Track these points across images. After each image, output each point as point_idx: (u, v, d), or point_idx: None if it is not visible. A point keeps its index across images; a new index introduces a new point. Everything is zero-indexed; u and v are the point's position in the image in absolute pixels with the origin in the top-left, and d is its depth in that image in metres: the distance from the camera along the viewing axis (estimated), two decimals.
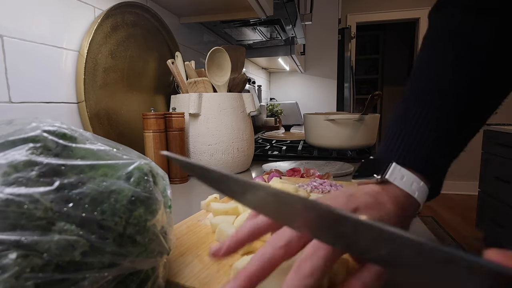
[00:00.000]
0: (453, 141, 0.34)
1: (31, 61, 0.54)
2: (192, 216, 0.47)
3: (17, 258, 0.18)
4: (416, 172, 0.31)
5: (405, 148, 0.32)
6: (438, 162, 0.33)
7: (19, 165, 0.21)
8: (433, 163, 0.32)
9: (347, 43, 2.68)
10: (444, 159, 0.34)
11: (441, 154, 0.33)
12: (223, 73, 0.79)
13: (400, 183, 0.30)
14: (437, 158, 0.33)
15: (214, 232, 0.41)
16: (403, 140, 0.33)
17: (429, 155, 0.32)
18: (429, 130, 0.33)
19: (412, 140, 0.33)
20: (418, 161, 0.32)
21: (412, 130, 0.33)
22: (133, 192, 0.23)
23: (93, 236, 0.21)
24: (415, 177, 0.31)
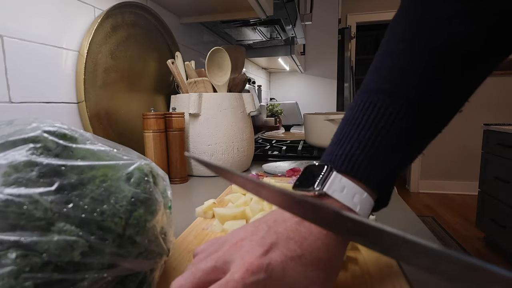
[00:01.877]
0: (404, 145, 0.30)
1: (31, 61, 0.54)
2: (194, 224, 0.45)
3: (17, 258, 0.18)
4: (359, 182, 0.27)
5: (347, 154, 0.28)
6: (385, 170, 0.29)
7: (19, 165, 0.21)
8: (379, 171, 0.28)
9: (347, 43, 2.68)
10: (393, 166, 0.29)
11: (389, 160, 0.29)
12: (223, 73, 0.79)
13: (340, 196, 0.27)
14: (385, 165, 0.29)
15: None
16: (346, 145, 0.29)
17: (375, 161, 0.28)
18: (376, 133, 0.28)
19: (355, 144, 0.28)
20: (362, 169, 0.28)
21: (355, 130, 0.29)
22: (133, 193, 0.23)
23: (93, 237, 0.21)
24: (358, 187, 0.27)
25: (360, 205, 0.27)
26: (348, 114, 0.31)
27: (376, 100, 0.29)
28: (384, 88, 0.30)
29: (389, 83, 0.30)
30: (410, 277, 0.32)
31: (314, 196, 0.27)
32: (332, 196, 0.27)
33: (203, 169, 0.78)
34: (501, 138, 2.09)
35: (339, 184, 0.27)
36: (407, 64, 0.30)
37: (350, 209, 0.27)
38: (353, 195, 0.27)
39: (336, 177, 0.27)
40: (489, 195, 2.21)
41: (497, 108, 3.26)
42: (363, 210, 0.27)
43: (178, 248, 0.37)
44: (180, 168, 0.72)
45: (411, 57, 0.30)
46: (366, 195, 0.27)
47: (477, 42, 0.29)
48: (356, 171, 0.28)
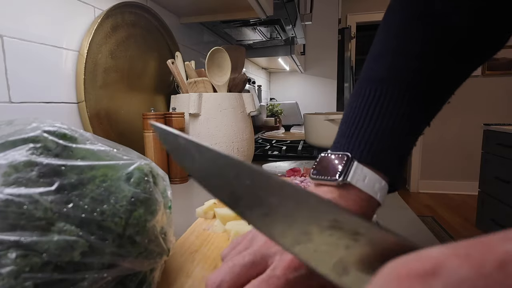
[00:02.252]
0: (413, 129, 0.31)
1: (31, 61, 0.54)
2: (195, 225, 0.45)
3: (17, 258, 0.18)
4: (377, 171, 0.29)
5: (366, 143, 0.29)
6: (398, 157, 0.30)
7: (19, 165, 0.21)
8: (394, 158, 0.30)
9: (347, 43, 2.68)
10: (405, 152, 0.31)
11: (402, 147, 0.31)
12: (223, 73, 0.79)
13: (363, 185, 0.28)
14: (399, 152, 0.30)
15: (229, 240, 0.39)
16: (363, 134, 0.30)
17: (391, 150, 0.30)
18: (387, 120, 0.30)
19: (370, 131, 0.30)
20: (380, 159, 0.29)
21: (370, 122, 0.30)
22: (133, 193, 0.23)
23: (93, 237, 0.21)
24: (377, 176, 0.29)
25: (379, 192, 0.28)
26: (357, 103, 0.32)
27: (386, 90, 0.31)
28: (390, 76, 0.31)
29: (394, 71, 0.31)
30: None
31: (335, 186, 0.28)
32: (356, 185, 0.28)
33: None
34: (501, 138, 2.09)
35: (361, 173, 0.28)
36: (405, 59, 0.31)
37: (371, 197, 0.28)
38: (374, 184, 0.28)
39: (358, 167, 0.28)
40: (489, 195, 2.21)
41: (497, 108, 3.26)
42: (382, 197, 0.29)
43: (180, 249, 0.37)
44: (180, 168, 0.72)
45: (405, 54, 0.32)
46: (384, 183, 0.29)
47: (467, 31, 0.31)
48: (376, 162, 0.29)
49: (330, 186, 0.28)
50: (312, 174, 0.30)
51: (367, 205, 0.28)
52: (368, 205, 0.28)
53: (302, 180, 0.63)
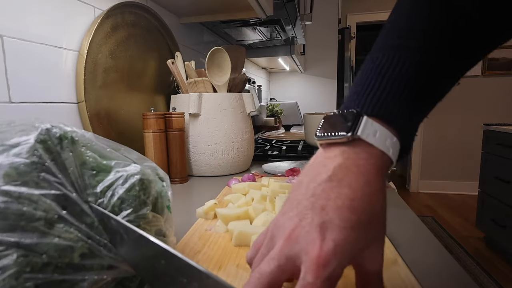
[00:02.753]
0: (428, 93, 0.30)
1: (31, 61, 0.54)
2: (196, 225, 0.45)
3: (18, 259, 0.18)
4: (389, 126, 0.27)
5: (375, 98, 0.28)
6: (411, 115, 0.29)
7: (20, 166, 0.20)
8: (406, 115, 0.28)
9: (347, 43, 2.68)
10: (417, 112, 0.30)
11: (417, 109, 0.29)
12: (223, 73, 0.79)
13: (374, 140, 0.26)
14: (413, 113, 0.29)
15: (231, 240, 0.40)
16: (372, 90, 0.28)
17: (402, 105, 0.28)
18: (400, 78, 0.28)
19: (382, 89, 0.28)
20: (391, 113, 0.27)
21: (382, 79, 0.29)
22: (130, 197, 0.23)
23: (90, 241, 0.21)
24: (388, 132, 0.27)
25: (392, 148, 0.26)
26: (369, 65, 0.31)
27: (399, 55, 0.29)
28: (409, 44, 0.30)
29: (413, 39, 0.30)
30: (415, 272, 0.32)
31: (344, 142, 0.26)
32: (366, 140, 0.26)
33: (203, 169, 0.78)
34: (501, 138, 2.09)
35: (371, 128, 0.26)
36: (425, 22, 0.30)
37: (383, 153, 0.26)
38: (386, 139, 0.26)
39: (368, 121, 0.26)
40: (489, 195, 2.21)
41: (497, 108, 3.26)
42: (395, 154, 0.27)
43: (184, 250, 0.37)
44: (180, 168, 0.72)
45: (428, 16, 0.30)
46: (396, 140, 0.27)
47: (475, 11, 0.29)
48: (389, 116, 0.27)
49: (338, 143, 0.26)
50: (317, 134, 0.28)
51: (380, 162, 0.26)
52: (382, 162, 0.26)
53: None
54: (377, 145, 0.26)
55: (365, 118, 0.26)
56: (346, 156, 0.26)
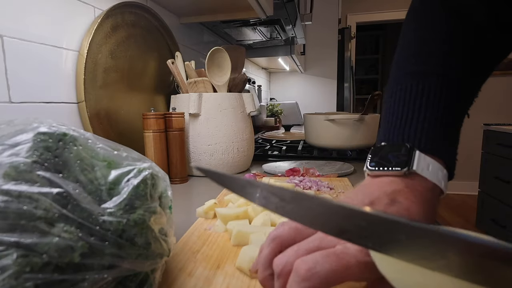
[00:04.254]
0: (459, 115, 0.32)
1: (31, 61, 0.54)
2: (196, 225, 0.45)
3: (17, 258, 0.18)
4: (438, 159, 0.29)
5: (422, 132, 0.29)
6: (453, 143, 0.31)
7: (20, 165, 0.20)
8: (447, 145, 0.30)
9: (347, 43, 2.68)
10: (456, 137, 0.31)
11: (454, 133, 0.31)
12: (223, 73, 0.79)
13: (428, 174, 0.27)
14: (451, 140, 0.31)
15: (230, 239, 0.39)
16: (416, 124, 0.30)
17: (443, 137, 0.29)
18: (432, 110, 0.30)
19: (424, 123, 0.29)
20: (439, 146, 0.29)
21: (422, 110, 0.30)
22: (132, 194, 0.23)
23: (92, 238, 0.21)
24: (439, 165, 0.28)
25: (443, 180, 0.28)
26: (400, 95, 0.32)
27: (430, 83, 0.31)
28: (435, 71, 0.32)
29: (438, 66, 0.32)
30: None
31: (399, 176, 0.27)
32: (421, 174, 0.27)
33: None
34: (501, 138, 2.09)
35: (425, 162, 0.28)
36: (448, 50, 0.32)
37: (435, 186, 0.27)
38: (438, 172, 0.28)
39: (421, 156, 0.28)
40: (489, 195, 2.21)
41: (497, 108, 3.26)
42: (445, 186, 0.28)
43: (183, 249, 0.37)
44: (180, 168, 0.72)
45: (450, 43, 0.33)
46: (445, 171, 0.29)
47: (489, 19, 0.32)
48: (436, 149, 0.29)
49: (393, 176, 0.27)
50: (370, 166, 0.29)
51: (433, 195, 0.27)
52: (434, 195, 0.27)
53: (301, 179, 0.63)
54: (431, 179, 0.27)
55: (417, 153, 0.28)
56: (403, 184, 0.27)
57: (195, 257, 0.35)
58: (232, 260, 0.35)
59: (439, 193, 0.28)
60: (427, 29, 0.34)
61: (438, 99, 0.30)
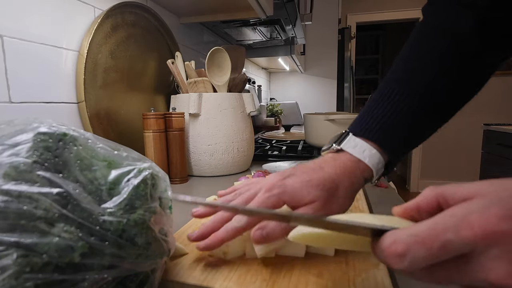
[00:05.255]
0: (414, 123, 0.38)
1: (31, 61, 0.54)
2: (194, 220, 0.46)
3: (17, 258, 0.18)
4: (369, 141, 0.36)
5: (362, 123, 0.38)
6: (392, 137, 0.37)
7: (20, 165, 0.20)
8: (387, 135, 0.36)
9: (347, 43, 2.67)
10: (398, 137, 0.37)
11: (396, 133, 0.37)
12: (223, 73, 0.79)
13: (353, 151, 0.35)
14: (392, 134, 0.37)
15: None
16: (364, 117, 0.38)
17: (383, 129, 0.36)
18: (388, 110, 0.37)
19: (370, 116, 0.38)
20: (371, 132, 0.36)
21: (373, 109, 0.38)
22: (133, 195, 0.23)
23: (92, 238, 0.21)
24: (368, 145, 0.36)
25: (369, 158, 0.35)
26: (373, 96, 0.40)
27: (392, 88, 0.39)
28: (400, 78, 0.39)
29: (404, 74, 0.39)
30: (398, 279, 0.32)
31: (333, 152, 0.37)
32: (346, 150, 0.36)
33: (203, 169, 0.78)
34: (501, 138, 2.09)
35: (353, 142, 0.36)
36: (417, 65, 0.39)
37: (359, 160, 0.35)
38: (363, 150, 0.35)
39: (351, 138, 0.36)
40: None
41: (497, 108, 3.26)
42: (372, 162, 0.35)
43: (176, 240, 0.38)
44: (180, 168, 0.72)
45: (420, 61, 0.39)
46: (375, 151, 0.36)
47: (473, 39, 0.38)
48: (368, 133, 0.36)
49: (330, 153, 0.37)
50: (322, 150, 0.39)
51: (355, 166, 0.35)
52: (356, 166, 0.35)
53: None
54: (354, 154, 0.35)
55: (349, 136, 0.37)
56: (332, 156, 0.36)
57: (189, 247, 0.37)
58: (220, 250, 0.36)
59: (364, 168, 0.35)
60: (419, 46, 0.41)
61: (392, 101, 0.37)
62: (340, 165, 0.34)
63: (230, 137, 0.77)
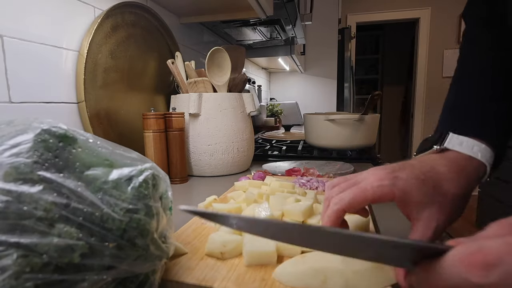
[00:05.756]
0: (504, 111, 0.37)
1: (31, 61, 0.54)
2: (194, 219, 0.46)
3: (17, 259, 0.18)
4: (474, 137, 0.34)
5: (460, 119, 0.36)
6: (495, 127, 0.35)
7: (20, 165, 0.20)
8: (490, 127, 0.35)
9: (347, 43, 2.67)
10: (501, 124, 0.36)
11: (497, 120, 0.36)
12: (223, 73, 0.79)
13: (460, 148, 0.33)
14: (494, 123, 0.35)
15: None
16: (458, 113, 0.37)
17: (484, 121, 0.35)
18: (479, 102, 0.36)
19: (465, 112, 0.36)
20: (474, 128, 0.34)
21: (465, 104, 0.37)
22: (134, 196, 0.23)
23: (93, 239, 0.21)
24: (475, 141, 0.33)
25: (480, 153, 0.33)
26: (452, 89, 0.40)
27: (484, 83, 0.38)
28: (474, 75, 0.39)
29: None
30: None
31: (436, 152, 0.35)
32: (453, 149, 0.33)
33: (203, 169, 0.78)
34: None
35: (457, 140, 0.34)
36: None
37: (471, 157, 0.33)
38: (472, 147, 0.33)
39: (453, 136, 0.34)
40: (489, 195, 2.21)
41: None
42: (485, 157, 0.33)
43: (176, 240, 0.38)
44: (180, 168, 0.72)
45: None
46: (485, 146, 0.34)
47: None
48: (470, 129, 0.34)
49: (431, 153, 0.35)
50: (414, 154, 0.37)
51: (468, 163, 0.32)
52: (469, 163, 0.33)
53: (308, 179, 0.63)
54: (463, 151, 0.33)
55: (450, 134, 0.35)
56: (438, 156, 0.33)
57: (188, 248, 0.37)
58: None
59: (480, 166, 0.33)
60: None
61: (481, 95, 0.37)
62: (452, 165, 0.32)
63: (230, 137, 0.77)
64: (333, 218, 0.29)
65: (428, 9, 3.37)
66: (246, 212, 0.45)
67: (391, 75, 4.60)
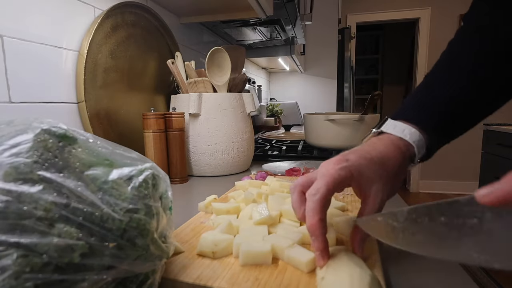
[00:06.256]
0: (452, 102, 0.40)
1: (31, 61, 0.54)
2: (193, 218, 0.47)
3: (17, 259, 0.18)
4: (407, 122, 0.38)
5: (401, 109, 0.41)
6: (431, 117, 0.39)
7: (20, 165, 0.20)
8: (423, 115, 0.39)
9: (347, 43, 2.67)
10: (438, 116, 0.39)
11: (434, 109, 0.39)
12: (223, 73, 0.79)
13: (393, 131, 0.37)
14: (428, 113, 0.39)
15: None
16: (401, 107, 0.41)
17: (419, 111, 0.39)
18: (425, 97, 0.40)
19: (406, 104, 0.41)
20: (407, 113, 0.39)
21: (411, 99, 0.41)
22: (134, 196, 0.23)
23: (93, 239, 0.20)
24: (406, 125, 0.38)
25: (409, 135, 0.37)
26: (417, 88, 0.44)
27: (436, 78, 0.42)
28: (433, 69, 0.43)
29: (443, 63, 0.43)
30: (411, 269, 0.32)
31: (374, 136, 0.39)
32: (386, 132, 0.38)
33: (203, 169, 0.78)
34: (501, 138, 2.09)
35: (392, 124, 0.38)
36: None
37: (401, 138, 0.37)
38: (403, 130, 0.37)
39: (390, 121, 0.39)
40: None
41: None
42: (413, 139, 0.37)
43: (174, 239, 0.38)
44: (180, 168, 0.72)
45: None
46: (414, 130, 0.37)
47: None
48: (403, 115, 0.39)
49: (372, 137, 0.39)
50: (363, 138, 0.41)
51: (401, 143, 0.36)
52: (400, 142, 0.37)
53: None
54: (395, 133, 0.37)
55: (388, 120, 0.39)
56: (376, 138, 0.38)
57: (186, 246, 0.37)
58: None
59: (409, 146, 0.37)
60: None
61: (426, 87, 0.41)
62: (387, 143, 0.36)
63: (230, 137, 0.77)
64: (318, 207, 0.30)
65: (428, 9, 3.37)
66: (244, 212, 0.45)
67: (391, 75, 4.60)
